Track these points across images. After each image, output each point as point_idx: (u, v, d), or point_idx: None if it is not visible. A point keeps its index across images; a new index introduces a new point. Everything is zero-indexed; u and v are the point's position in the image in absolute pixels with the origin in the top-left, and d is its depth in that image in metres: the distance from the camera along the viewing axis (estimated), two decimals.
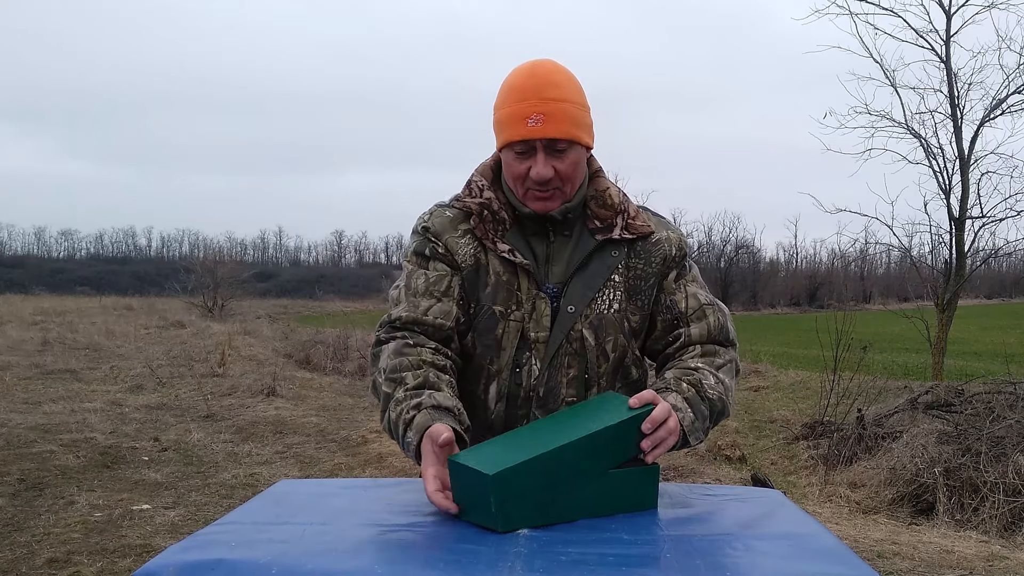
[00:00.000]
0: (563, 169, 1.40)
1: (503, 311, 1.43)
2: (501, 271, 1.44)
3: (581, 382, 1.43)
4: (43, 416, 7.15)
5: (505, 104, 1.40)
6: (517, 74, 1.42)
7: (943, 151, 8.45)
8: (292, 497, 1.31)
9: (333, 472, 5.61)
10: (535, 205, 1.43)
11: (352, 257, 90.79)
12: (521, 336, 1.42)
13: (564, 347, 1.42)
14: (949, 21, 8.28)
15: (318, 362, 12.04)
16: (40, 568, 3.53)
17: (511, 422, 1.45)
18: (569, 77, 1.43)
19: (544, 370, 1.42)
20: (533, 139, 1.37)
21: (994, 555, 3.86)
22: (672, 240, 1.50)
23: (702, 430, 1.35)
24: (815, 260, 58.80)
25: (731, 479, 5.56)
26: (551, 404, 1.43)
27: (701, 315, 1.47)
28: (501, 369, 1.43)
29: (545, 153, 1.38)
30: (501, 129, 1.42)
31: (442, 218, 1.49)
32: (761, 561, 1.00)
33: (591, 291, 1.43)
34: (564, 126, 1.38)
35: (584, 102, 1.44)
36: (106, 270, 62.60)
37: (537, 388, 1.43)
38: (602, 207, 1.47)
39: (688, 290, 1.49)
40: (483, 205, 1.46)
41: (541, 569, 0.94)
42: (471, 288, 1.45)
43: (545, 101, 1.37)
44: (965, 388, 6.79)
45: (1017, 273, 49.70)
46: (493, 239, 1.44)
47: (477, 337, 1.45)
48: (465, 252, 1.46)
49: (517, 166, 1.41)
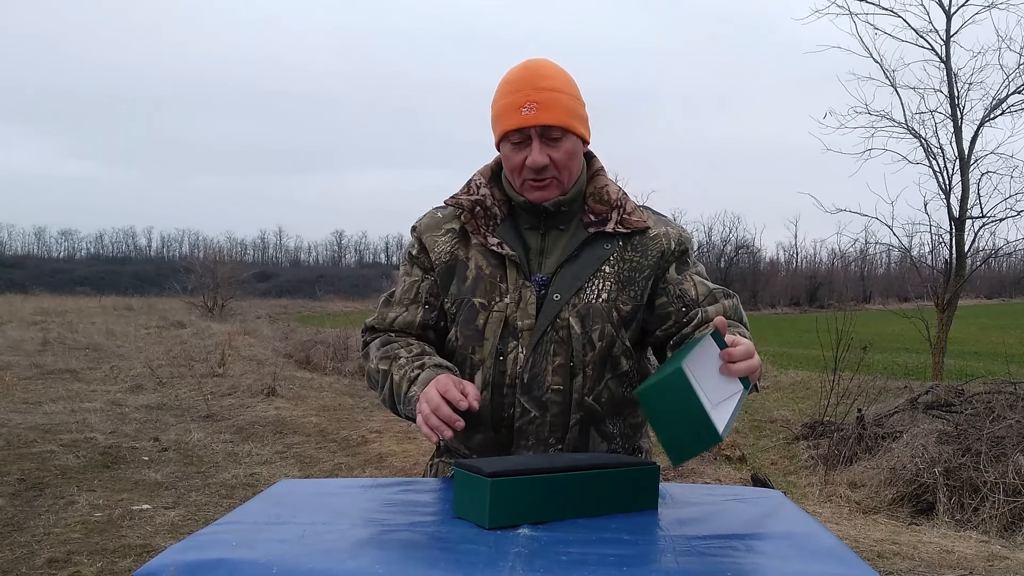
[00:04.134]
0: (558, 157, 1.42)
1: (484, 303, 1.46)
2: (484, 265, 1.47)
3: (567, 370, 1.44)
4: (43, 416, 7.15)
5: (500, 97, 1.44)
6: (511, 70, 1.46)
7: (943, 151, 8.46)
8: (292, 497, 1.31)
9: (333, 472, 5.61)
10: (532, 195, 1.45)
11: (352, 257, 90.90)
12: (505, 324, 1.44)
13: (549, 334, 1.43)
14: (949, 21, 8.29)
15: (318, 362, 12.03)
16: (40, 568, 3.53)
17: (497, 410, 1.46)
18: (562, 71, 1.47)
19: (529, 356, 1.43)
20: (527, 127, 1.40)
21: (994, 555, 3.86)
22: (671, 235, 1.50)
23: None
24: (815, 260, 58.84)
25: (731, 479, 5.56)
26: (535, 391, 1.44)
27: (713, 300, 1.48)
28: (484, 358, 1.45)
29: (540, 141, 1.41)
30: (497, 121, 1.45)
31: (431, 218, 1.55)
32: (761, 561, 1.00)
33: (579, 280, 1.45)
34: (558, 114, 1.40)
35: (578, 95, 1.47)
36: (106, 270, 62.56)
37: (522, 375, 1.43)
38: (599, 202, 1.49)
39: (696, 279, 1.50)
40: (476, 202, 1.49)
41: (542, 569, 0.94)
42: (446, 283, 1.50)
43: (539, 90, 1.40)
44: (965, 388, 6.79)
45: (1017, 273, 49.77)
46: (484, 233, 1.47)
47: (459, 328, 1.48)
48: (441, 249, 1.51)
49: (514, 157, 1.44)
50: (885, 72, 8.44)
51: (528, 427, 1.45)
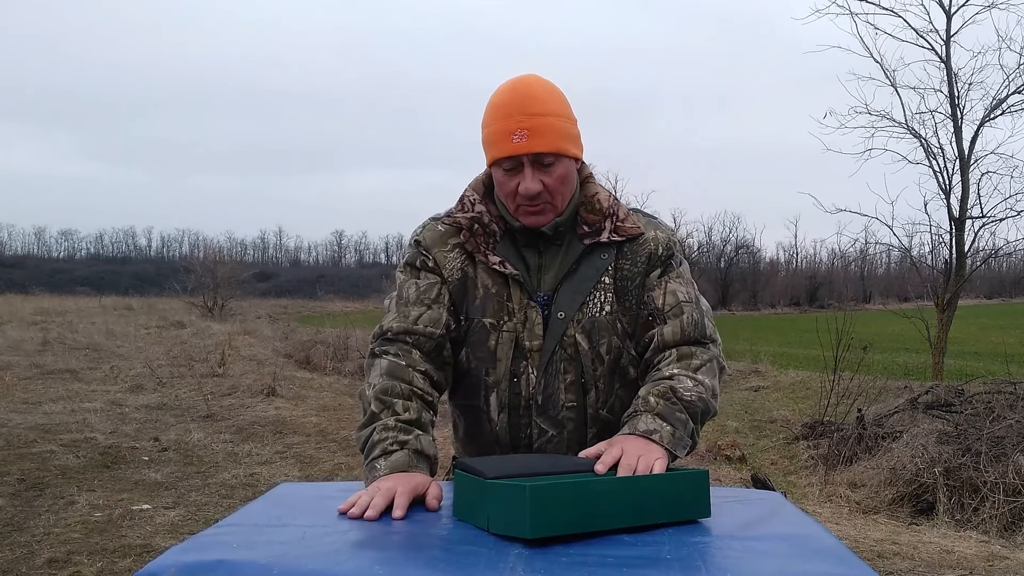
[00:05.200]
0: (551, 183, 1.40)
1: (494, 323, 1.44)
2: (490, 284, 1.45)
3: (579, 387, 1.44)
4: (43, 416, 7.15)
5: (490, 122, 1.42)
6: (500, 92, 1.43)
7: (943, 151, 8.46)
8: (293, 499, 1.32)
9: (333, 472, 5.61)
10: (527, 220, 1.44)
11: (352, 257, 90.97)
12: (516, 346, 1.43)
13: (558, 353, 1.43)
14: (949, 21, 8.29)
15: (318, 362, 12.03)
16: (40, 568, 3.53)
17: (514, 432, 1.46)
18: (552, 90, 1.43)
19: (541, 378, 1.43)
20: (519, 155, 1.38)
21: (994, 555, 3.86)
22: (659, 239, 1.49)
23: (687, 436, 1.32)
24: (815, 260, 58.96)
25: (731, 479, 5.56)
26: (551, 411, 1.44)
27: (678, 312, 1.44)
28: (499, 380, 1.44)
29: (532, 168, 1.39)
30: (488, 147, 1.43)
31: (433, 232, 1.51)
32: (762, 562, 1.00)
33: (580, 295, 1.44)
34: (549, 140, 1.38)
35: (569, 114, 1.45)
36: (106, 270, 62.60)
37: (536, 396, 1.43)
38: (591, 212, 1.48)
39: (668, 287, 1.47)
40: (474, 219, 1.47)
41: (542, 570, 0.94)
42: (459, 301, 1.46)
43: (530, 116, 1.37)
44: (965, 388, 6.79)
45: (1017, 273, 49.80)
46: (484, 252, 1.45)
47: (471, 350, 1.46)
48: (452, 266, 1.47)
49: (506, 183, 1.42)
50: (885, 72, 8.45)
51: (547, 447, 1.45)
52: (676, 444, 1.29)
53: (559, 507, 1.03)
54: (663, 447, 1.26)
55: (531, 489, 1.01)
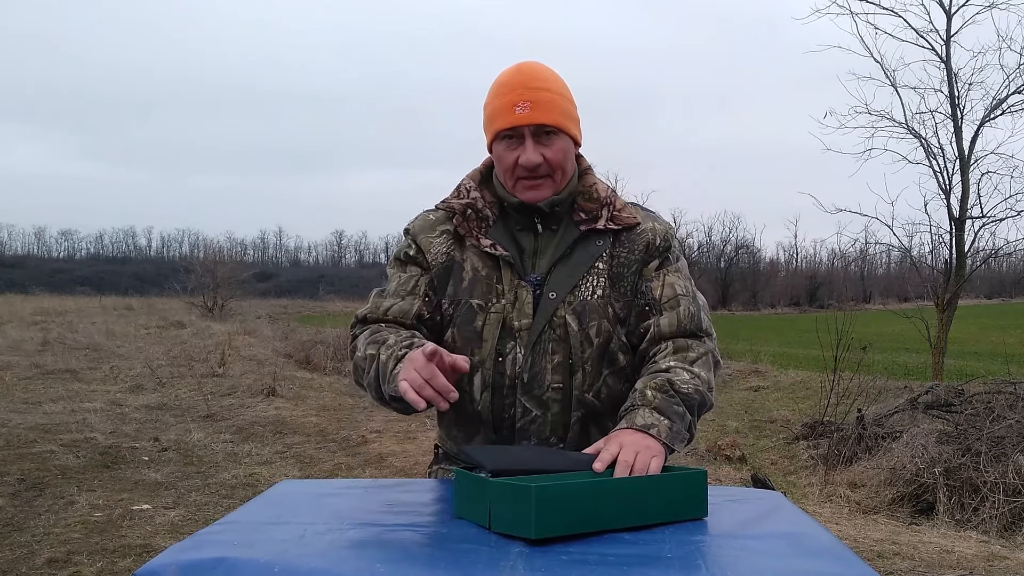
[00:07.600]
0: (551, 156, 1.43)
1: (482, 304, 1.46)
2: (480, 266, 1.48)
3: (566, 368, 1.44)
4: (43, 416, 7.15)
5: (493, 99, 1.46)
6: (503, 73, 1.47)
7: (943, 151, 8.45)
8: (293, 497, 1.32)
9: (333, 472, 5.61)
10: (525, 195, 1.46)
11: (352, 257, 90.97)
12: (503, 325, 1.44)
13: (547, 333, 1.44)
14: (949, 21, 8.28)
15: (318, 362, 12.02)
16: (40, 568, 3.53)
17: (498, 411, 1.46)
18: (554, 74, 1.48)
19: (528, 356, 1.43)
20: (521, 125, 1.41)
21: (994, 555, 3.86)
22: (658, 231, 1.51)
23: (685, 430, 1.33)
24: (815, 260, 58.91)
25: (731, 479, 5.56)
26: (536, 390, 1.44)
27: (675, 304, 1.46)
28: (484, 360, 1.45)
29: (533, 140, 1.42)
30: (490, 122, 1.46)
31: (423, 220, 1.55)
32: (761, 561, 1.00)
33: (574, 278, 1.45)
34: (551, 113, 1.42)
35: (570, 97, 1.48)
36: (106, 270, 62.58)
37: (521, 375, 1.44)
38: (588, 200, 1.50)
39: (666, 279, 1.48)
40: (468, 205, 1.50)
41: (542, 568, 0.94)
42: (443, 284, 1.49)
43: (532, 90, 1.42)
44: (965, 388, 6.78)
45: (1017, 273, 49.76)
46: (476, 235, 1.48)
47: (457, 330, 1.47)
48: (438, 250, 1.50)
49: (507, 156, 1.44)
50: (885, 72, 8.44)
51: (530, 427, 1.45)
52: (674, 438, 1.30)
53: (564, 508, 1.04)
54: (661, 442, 1.27)
55: (537, 490, 1.01)
